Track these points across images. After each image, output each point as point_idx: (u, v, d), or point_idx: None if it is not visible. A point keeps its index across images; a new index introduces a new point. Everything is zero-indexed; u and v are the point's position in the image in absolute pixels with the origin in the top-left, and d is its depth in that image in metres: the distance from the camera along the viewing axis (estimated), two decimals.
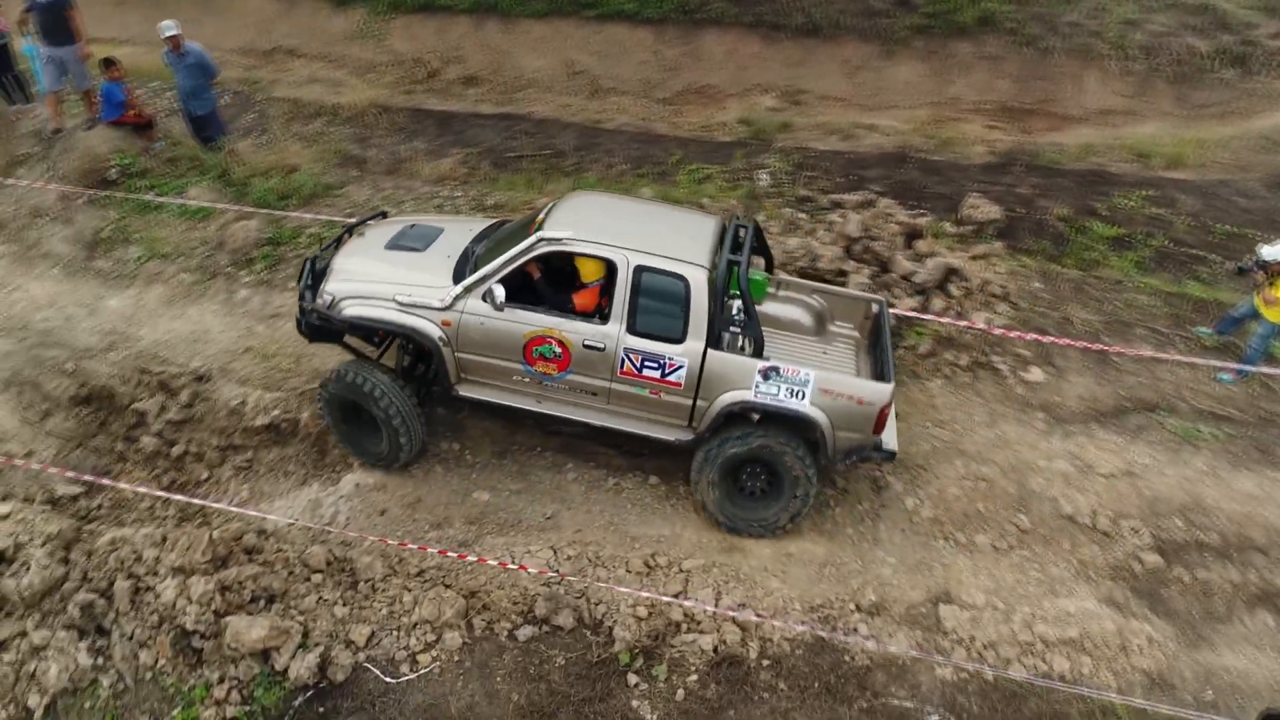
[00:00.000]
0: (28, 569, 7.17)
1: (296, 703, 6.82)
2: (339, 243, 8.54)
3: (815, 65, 15.76)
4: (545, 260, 7.64)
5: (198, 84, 10.73)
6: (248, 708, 6.81)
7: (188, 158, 11.05)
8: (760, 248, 8.48)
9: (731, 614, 7.03)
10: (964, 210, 11.49)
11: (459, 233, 8.52)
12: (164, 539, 7.47)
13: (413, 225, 8.67)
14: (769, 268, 8.71)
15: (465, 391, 7.98)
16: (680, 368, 7.39)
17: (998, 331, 8.95)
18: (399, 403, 7.86)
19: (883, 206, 11.39)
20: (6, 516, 7.51)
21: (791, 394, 7.27)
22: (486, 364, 7.84)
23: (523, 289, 7.71)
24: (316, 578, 7.43)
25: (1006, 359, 9.14)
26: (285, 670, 6.90)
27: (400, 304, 7.70)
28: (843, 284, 9.48)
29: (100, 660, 7.00)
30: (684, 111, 15.77)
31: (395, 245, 8.27)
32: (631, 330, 7.42)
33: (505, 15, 16.77)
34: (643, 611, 7.16)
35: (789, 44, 15.88)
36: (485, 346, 7.72)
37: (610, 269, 7.47)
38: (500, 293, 7.39)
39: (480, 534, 7.91)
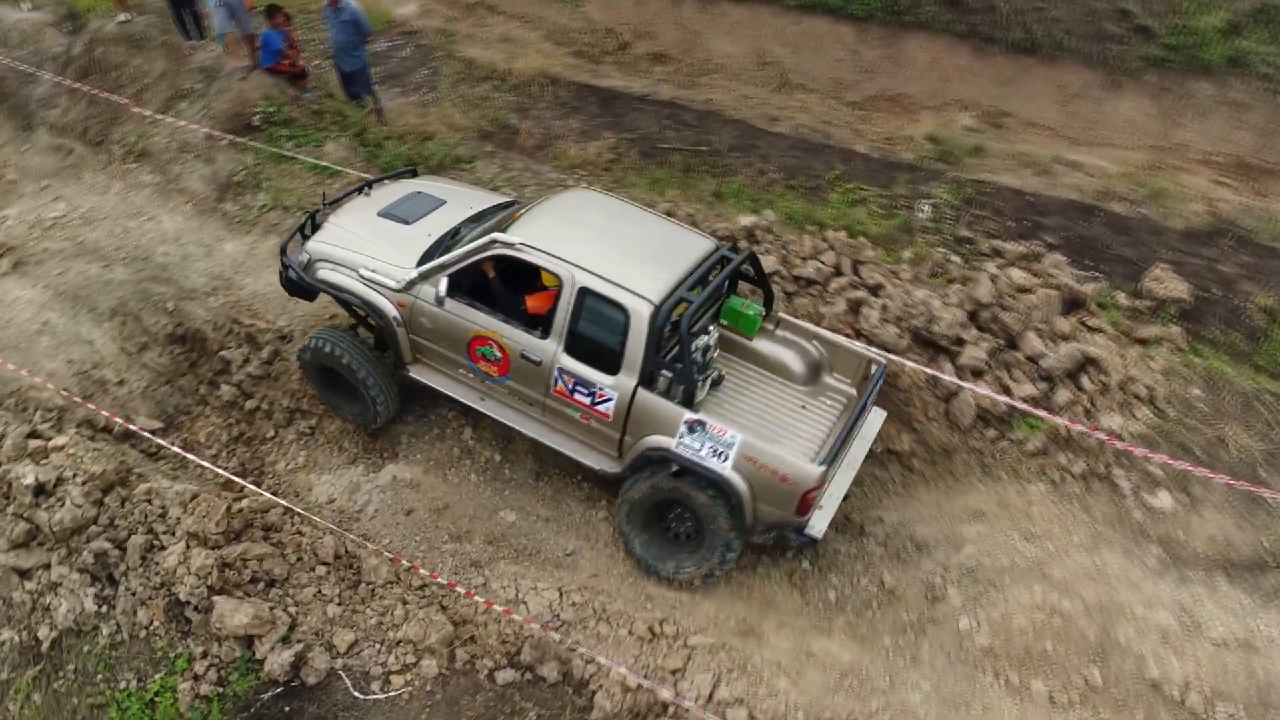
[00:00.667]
0: (62, 504, 7.41)
1: (265, 696, 6.74)
2: (360, 191, 8.71)
3: (1026, 86, 14.18)
4: (504, 260, 7.35)
5: (349, 40, 10.76)
6: (220, 689, 6.79)
7: (333, 112, 11.15)
8: (758, 280, 7.88)
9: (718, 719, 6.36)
10: (1145, 282, 9.96)
11: (458, 209, 8.40)
12: (193, 498, 7.56)
13: (418, 193, 8.62)
14: (768, 303, 7.97)
15: (415, 374, 7.99)
16: (610, 400, 7.08)
17: (1119, 445, 7.64)
18: (370, 370, 7.95)
19: (1048, 263, 10.04)
20: (61, 448, 7.78)
21: (714, 453, 6.81)
22: (437, 351, 7.79)
23: (487, 283, 7.55)
24: (321, 569, 7.31)
25: (1131, 475, 7.80)
26: (264, 660, 6.84)
27: (363, 277, 7.78)
28: (956, 354, 8.39)
29: (104, 609, 7.17)
30: (871, 119, 14.60)
31: (386, 213, 8.27)
32: (568, 350, 7.16)
33: None
34: (632, 681, 6.61)
35: (1001, 59, 14.34)
36: (434, 335, 7.71)
37: None
38: (443, 287, 7.33)
39: (496, 556, 7.56)
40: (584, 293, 6.95)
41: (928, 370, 8.14)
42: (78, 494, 7.44)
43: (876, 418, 7.98)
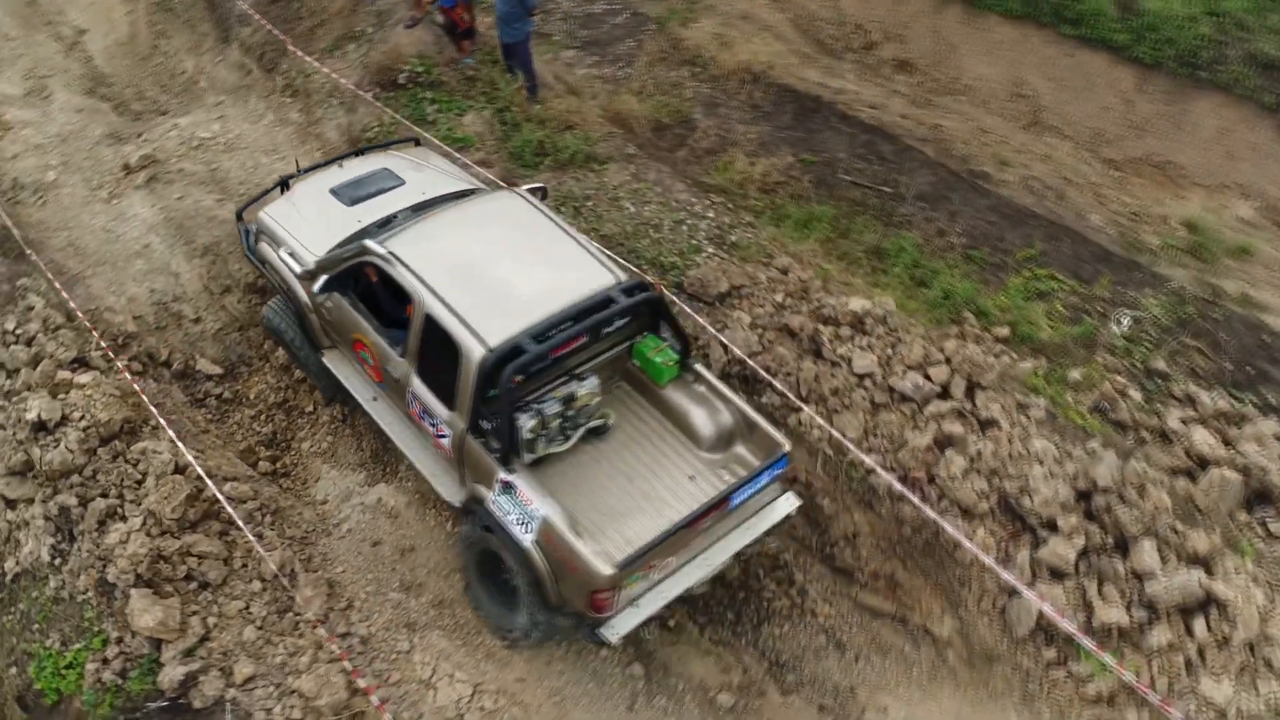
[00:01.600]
0: (58, 445, 7.45)
1: (150, 706, 6.49)
2: (336, 162, 8.60)
3: None
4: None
5: (511, 11, 10.01)
6: (120, 682, 6.61)
7: (486, 81, 10.54)
8: (667, 322, 6.95)
9: None
10: None
11: (410, 194, 8.01)
12: (174, 471, 7.37)
13: (383, 170, 8.32)
14: (685, 351, 6.96)
15: (327, 360, 7.80)
16: (447, 435, 6.64)
17: None
18: (302, 345, 7.90)
19: (1251, 431, 7.89)
20: (82, 386, 7.81)
21: (520, 521, 6.19)
22: (341, 342, 7.69)
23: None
24: (257, 585, 6.95)
25: None
26: (165, 666, 6.58)
27: (282, 258, 7.73)
28: (1041, 540, 6.67)
29: (57, 562, 7.18)
30: (1126, 184, 12.19)
31: (336, 190, 8.08)
32: (419, 374, 6.79)
33: (973, 3, 13.99)
34: None
35: None
36: (332, 326, 7.59)
37: None
38: (318, 284, 7.18)
39: (433, 623, 6.91)
40: (428, 320, 6.49)
41: (985, 558, 6.49)
42: (74, 438, 7.44)
43: (783, 505, 6.77)
